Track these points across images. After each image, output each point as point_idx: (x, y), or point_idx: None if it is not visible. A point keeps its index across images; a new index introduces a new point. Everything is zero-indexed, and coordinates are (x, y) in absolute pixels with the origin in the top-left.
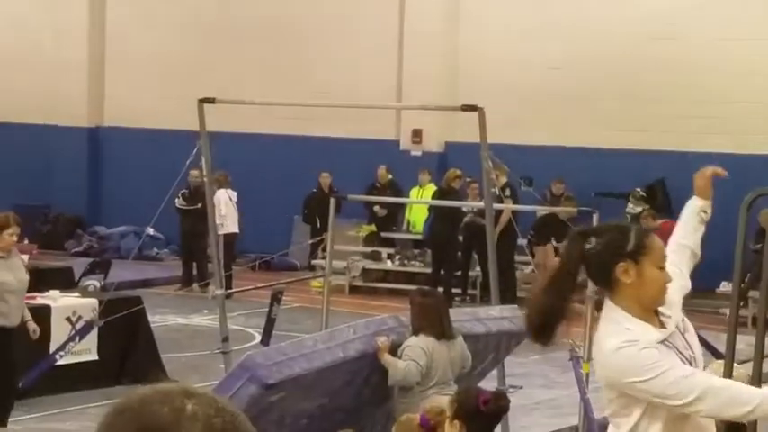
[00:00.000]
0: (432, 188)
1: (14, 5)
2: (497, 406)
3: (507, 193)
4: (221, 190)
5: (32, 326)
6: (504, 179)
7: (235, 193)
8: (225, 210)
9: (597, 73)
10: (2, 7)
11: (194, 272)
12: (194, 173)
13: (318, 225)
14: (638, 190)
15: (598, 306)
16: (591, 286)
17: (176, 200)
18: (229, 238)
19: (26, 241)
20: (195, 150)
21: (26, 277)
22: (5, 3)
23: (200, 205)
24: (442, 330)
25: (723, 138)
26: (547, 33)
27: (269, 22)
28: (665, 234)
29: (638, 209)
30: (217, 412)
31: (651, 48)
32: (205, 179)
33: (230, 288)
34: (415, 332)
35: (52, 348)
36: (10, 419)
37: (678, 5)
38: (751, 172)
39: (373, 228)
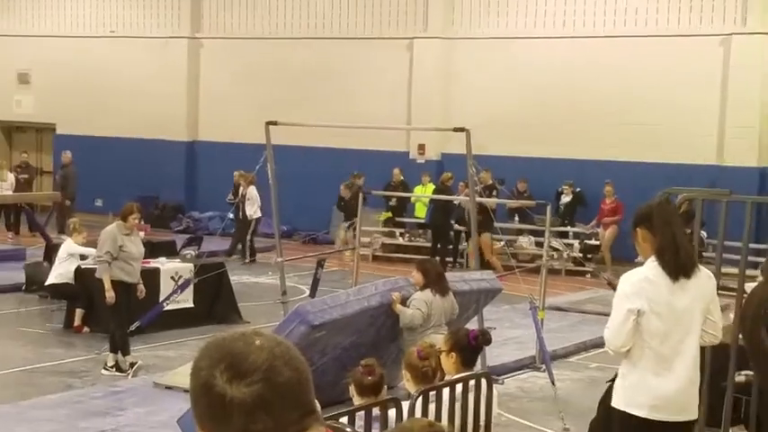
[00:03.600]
0: (431, 186)
1: (133, 53)
2: (484, 340)
3: (495, 193)
4: (252, 186)
5: (141, 288)
6: (490, 181)
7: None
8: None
9: (551, 104)
10: (125, 54)
11: (239, 246)
12: (236, 174)
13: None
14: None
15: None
16: (546, 255)
17: (229, 196)
18: (258, 221)
19: (142, 222)
20: (262, 159)
21: (143, 249)
22: (128, 50)
23: (236, 198)
24: (440, 287)
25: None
26: (516, 76)
27: (319, 67)
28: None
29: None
30: (277, 344)
31: (591, 81)
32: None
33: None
34: (421, 289)
35: (161, 298)
36: (132, 348)
37: (617, 43)
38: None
39: (389, 214)
